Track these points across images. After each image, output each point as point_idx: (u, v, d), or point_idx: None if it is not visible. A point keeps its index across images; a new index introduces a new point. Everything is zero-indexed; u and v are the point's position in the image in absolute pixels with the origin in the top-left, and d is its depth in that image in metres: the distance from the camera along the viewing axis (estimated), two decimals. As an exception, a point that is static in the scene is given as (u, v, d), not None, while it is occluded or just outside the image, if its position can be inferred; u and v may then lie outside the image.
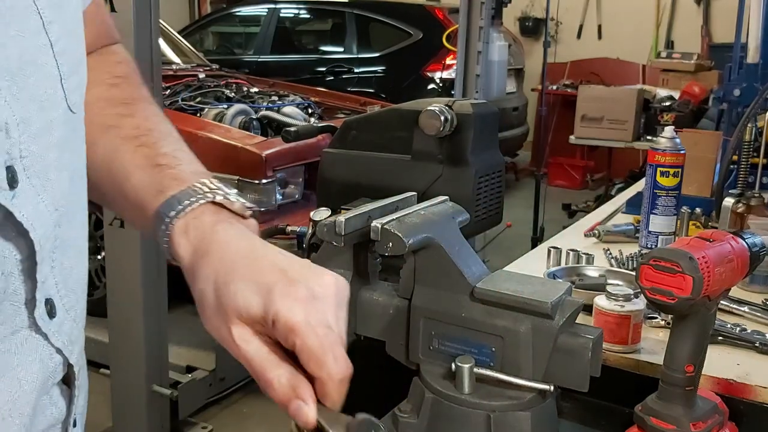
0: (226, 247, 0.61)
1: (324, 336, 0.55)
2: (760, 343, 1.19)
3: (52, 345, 0.57)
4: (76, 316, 0.62)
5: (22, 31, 0.52)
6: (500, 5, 3.73)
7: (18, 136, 0.51)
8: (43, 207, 0.55)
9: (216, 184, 0.66)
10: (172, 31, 5.19)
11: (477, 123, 1.68)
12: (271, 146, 3.25)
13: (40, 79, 0.54)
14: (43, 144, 0.55)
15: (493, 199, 1.76)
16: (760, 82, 2.11)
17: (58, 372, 0.60)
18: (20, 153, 0.52)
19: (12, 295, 0.53)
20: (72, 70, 0.59)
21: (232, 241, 0.62)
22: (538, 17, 8.73)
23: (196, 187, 0.65)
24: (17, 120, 0.51)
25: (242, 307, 0.57)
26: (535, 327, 0.82)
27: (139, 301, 2.57)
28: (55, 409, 0.60)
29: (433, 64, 6.03)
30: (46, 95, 0.55)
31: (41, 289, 0.55)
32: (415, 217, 0.90)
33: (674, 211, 1.62)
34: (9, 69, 0.51)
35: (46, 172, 0.55)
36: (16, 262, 0.53)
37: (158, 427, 2.75)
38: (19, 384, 0.54)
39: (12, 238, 0.52)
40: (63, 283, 0.59)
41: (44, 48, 0.55)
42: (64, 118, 0.58)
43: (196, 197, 0.64)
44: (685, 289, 0.85)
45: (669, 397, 0.93)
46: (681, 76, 6.02)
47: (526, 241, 4.63)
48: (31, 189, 0.53)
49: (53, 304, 0.57)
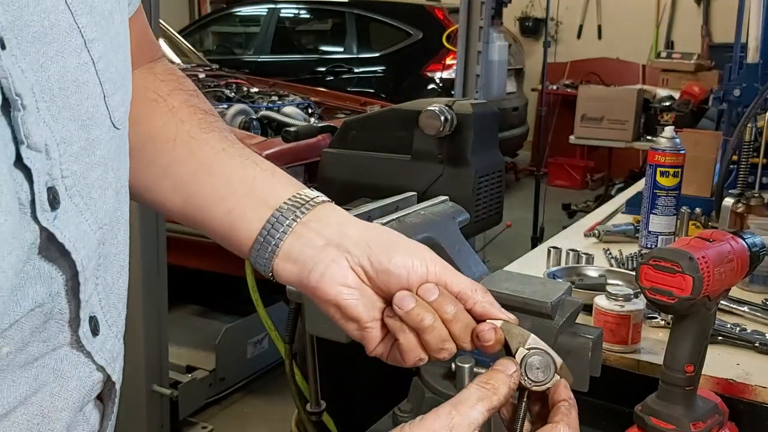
0: (363, 226, 0.68)
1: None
2: (760, 343, 1.20)
3: (94, 362, 0.57)
4: (118, 332, 0.62)
5: (62, 51, 0.51)
6: (500, 5, 3.73)
7: (58, 157, 0.50)
8: (86, 226, 0.54)
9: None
10: (172, 31, 5.20)
11: (477, 123, 1.68)
12: (271, 146, 3.25)
13: (82, 98, 0.53)
14: (85, 163, 0.54)
15: (493, 199, 1.76)
16: (760, 82, 2.11)
17: (96, 389, 0.59)
18: (61, 173, 0.51)
19: (57, 315, 0.53)
20: (116, 86, 0.58)
21: (365, 223, 0.69)
22: (538, 17, 8.73)
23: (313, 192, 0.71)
24: (57, 140, 0.50)
25: (408, 272, 0.63)
26: (535, 327, 0.82)
27: (139, 301, 2.57)
28: (87, 426, 0.59)
29: (433, 64, 6.03)
30: (88, 114, 0.54)
31: (85, 308, 0.55)
32: (415, 217, 0.90)
33: (674, 211, 1.62)
34: (50, 89, 0.50)
35: (89, 191, 0.54)
36: (62, 283, 0.52)
37: (158, 426, 2.75)
38: (52, 400, 0.54)
39: (56, 259, 0.51)
40: (106, 300, 0.58)
41: (86, 66, 0.54)
42: (108, 136, 0.57)
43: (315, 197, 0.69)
44: (685, 289, 0.85)
45: (669, 397, 0.93)
46: (681, 76, 6.02)
47: (526, 241, 4.63)
48: (74, 208, 0.52)
49: (97, 321, 0.57)
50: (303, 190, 0.69)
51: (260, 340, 3.30)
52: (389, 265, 0.63)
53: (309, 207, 0.67)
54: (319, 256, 0.65)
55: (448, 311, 0.62)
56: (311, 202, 0.67)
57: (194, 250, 3.01)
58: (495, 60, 3.76)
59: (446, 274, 0.64)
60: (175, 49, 4.92)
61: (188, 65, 4.69)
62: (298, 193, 0.68)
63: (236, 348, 3.21)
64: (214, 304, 3.74)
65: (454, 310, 0.63)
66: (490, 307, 0.64)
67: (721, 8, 7.76)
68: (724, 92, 2.28)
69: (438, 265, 0.64)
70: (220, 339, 3.09)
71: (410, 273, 0.63)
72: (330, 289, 0.64)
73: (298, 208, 0.67)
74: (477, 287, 0.65)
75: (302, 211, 0.66)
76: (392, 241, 0.66)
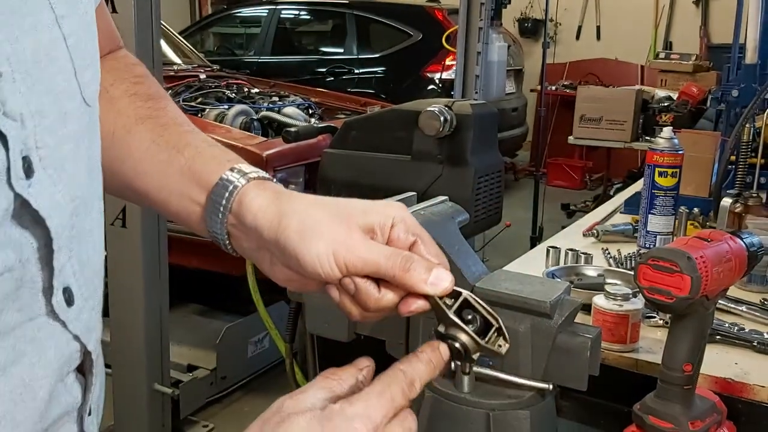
0: (312, 195, 0.69)
1: (430, 237, 0.68)
2: (758, 342, 1.20)
3: (69, 332, 0.59)
4: (95, 305, 0.63)
5: (35, 25, 0.53)
6: (499, 6, 3.73)
7: (33, 127, 0.52)
8: (59, 197, 0.56)
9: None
10: (173, 32, 5.20)
11: (476, 123, 1.69)
12: (271, 147, 3.26)
13: (54, 72, 0.55)
14: (58, 135, 0.56)
15: (493, 199, 1.77)
16: (759, 82, 2.11)
17: (75, 359, 0.61)
18: (36, 144, 0.53)
19: (29, 282, 0.54)
20: (86, 63, 0.60)
21: (315, 195, 0.70)
22: (537, 18, 8.74)
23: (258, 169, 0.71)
24: (32, 111, 0.52)
25: (360, 215, 0.65)
26: (534, 326, 0.82)
27: (140, 300, 2.58)
28: (70, 397, 0.61)
29: (433, 65, 6.03)
30: (60, 87, 0.56)
31: (58, 277, 0.56)
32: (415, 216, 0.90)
33: (672, 211, 1.63)
34: (24, 61, 0.52)
35: (62, 163, 0.56)
36: (33, 250, 0.54)
37: (159, 425, 2.75)
38: (32, 369, 0.55)
39: (28, 226, 0.53)
40: (81, 273, 0.60)
41: (57, 41, 0.56)
42: (79, 111, 0.59)
43: (262, 172, 0.70)
44: (683, 288, 0.86)
45: (667, 395, 0.94)
46: (679, 76, 6.02)
47: (525, 241, 4.63)
48: (48, 179, 0.54)
49: (71, 293, 0.58)
50: (225, 177, 0.69)
51: (261, 339, 3.31)
52: (299, 268, 0.65)
53: (229, 206, 0.68)
54: (254, 256, 0.70)
55: (369, 301, 0.65)
56: (231, 195, 0.68)
57: (195, 250, 3.02)
58: (494, 61, 3.76)
59: (354, 260, 0.63)
60: (176, 50, 4.92)
61: (189, 66, 4.69)
62: (222, 179, 0.69)
63: (237, 347, 3.21)
64: (215, 304, 3.74)
65: (375, 297, 0.65)
66: (413, 280, 0.63)
67: (719, 9, 7.77)
68: (723, 93, 2.28)
69: (344, 250, 0.63)
70: (221, 338, 3.09)
71: (320, 271, 0.64)
72: (279, 280, 0.70)
73: (219, 210, 0.69)
74: (393, 261, 0.64)
75: (224, 213, 0.69)
76: (301, 232, 0.65)
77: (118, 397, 2.71)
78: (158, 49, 2.51)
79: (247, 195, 0.68)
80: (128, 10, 2.32)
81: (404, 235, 0.66)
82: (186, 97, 3.87)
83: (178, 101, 3.77)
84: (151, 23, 2.40)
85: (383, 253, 0.64)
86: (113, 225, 2.54)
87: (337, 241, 0.63)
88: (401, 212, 0.68)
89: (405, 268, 0.63)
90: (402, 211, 0.68)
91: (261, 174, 0.70)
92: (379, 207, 0.68)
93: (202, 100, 3.91)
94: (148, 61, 2.40)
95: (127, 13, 2.32)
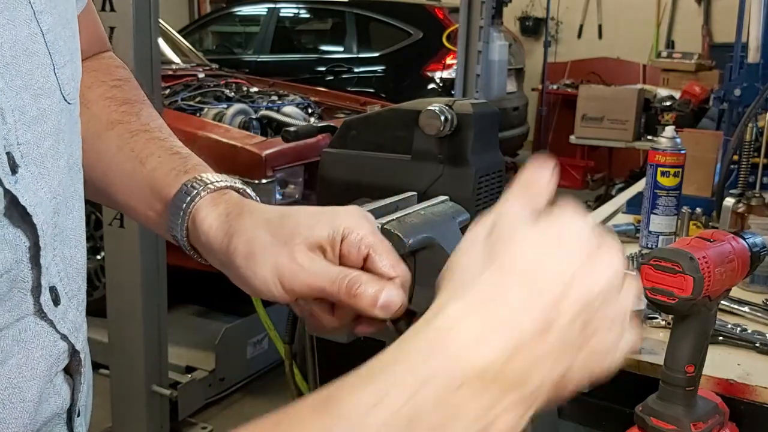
0: (264, 207, 0.65)
1: (389, 244, 0.63)
2: (761, 343, 1.19)
3: (57, 331, 0.58)
4: (79, 304, 0.63)
5: (13, 20, 0.52)
6: (500, 5, 3.73)
7: (14, 123, 0.52)
8: (42, 194, 0.55)
9: (234, 181, 0.69)
10: (171, 31, 5.19)
11: (477, 123, 1.68)
12: (270, 146, 3.25)
13: (33, 67, 0.55)
14: (38, 132, 0.55)
15: (494, 199, 1.76)
16: (761, 81, 2.11)
17: (63, 359, 0.60)
18: (17, 140, 0.52)
19: (21, 282, 0.54)
20: (65, 60, 0.60)
21: (267, 206, 0.66)
22: (538, 17, 8.73)
23: (220, 176, 0.69)
24: (12, 107, 0.52)
25: (307, 231, 0.61)
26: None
27: (138, 301, 2.57)
28: (59, 398, 0.60)
29: (433, 64, 6.03)
30: (39, 84, 0.56)
31: (45, 276, 0.56)
32: (415, 217, 0.89)
33: (675, 211, 1.62)
34: (2, 57, 0.51)
35: (42, 160, 0.55)
36: (25, 249, 0.53)
37: (158, 427, 2.75)
38: (19, 370, 0.55)
39: (19, 224, 0.52)
40: (65, 272, 0.59)
41: (35, 37, 0.55)
42: (58, 108, 0.58)
43: (222, 180, 0.68)
44: (685, 289, 0.85)
45: (669, 397, 0.93)
46: (681, 75, 6.02)
47: (526, 241, 4.62)
48: (30, 176, 0.54)
49: (57, 292, 0.58)
50: (182, 189, 0.67)
51: (260, 340, 3.30)
52: (251, 290, 0.62)
53: (185, 224, 0.66)
54: (221, 269, 0.67)
55: (325, 322, 0.64)
56: (185, 213, 0.66)
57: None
58: (495, 60, 3.76)
59: (299, 285, 0.60)
60: (175, 49, 4.92)
61: (188, 65, 4.69)
62: (177, 195, 0.67)
63: (236, 348, 3.21)
64: (213, 305, 3.74)
65: (328, 319, 0.64)
66: (361, 305, 0.60)
67: (721, 8, 7.77)
68: (725, 92, 2.27)
69: (289, 275, 0.60)
70: (220, 339, 3.09)
71: (270, 295, 0.61)
72: (248, 292, 0.66)
73: (177, 228, 0.67)
74: (339, 285, 0.59)
75: (181, 231, 0.67)
76: (247, 256, 0.62)
77: (116, 398, 2.70)
78: (156, 47, 2.50)
79: (200, 213, 0.65)
80: (127, 9, 2.32)
81: (355, 250, 0.61)
82: (184, 96, 3.86)
83: (177, 100, 3.77)
84: (150, 22, 2.40)
85: (328, 276, 0.59)
86: (111, 225, 2.54)
87: (282, 265, 0.60)
88: (352, 221, 0.62)
89: (351, 293, 0.59)
90: (353, 219, 0.62)
91: (218, 184, 0.67)
92: (327, 218, 0.62)
93: (201, 99, 3.90)
94: (146, 59, 2.40)
95: (125, 11, 2.32)
